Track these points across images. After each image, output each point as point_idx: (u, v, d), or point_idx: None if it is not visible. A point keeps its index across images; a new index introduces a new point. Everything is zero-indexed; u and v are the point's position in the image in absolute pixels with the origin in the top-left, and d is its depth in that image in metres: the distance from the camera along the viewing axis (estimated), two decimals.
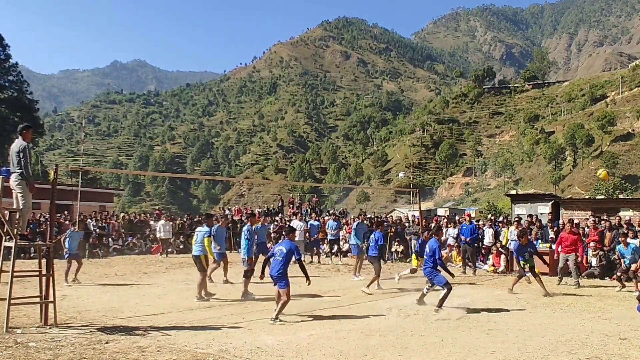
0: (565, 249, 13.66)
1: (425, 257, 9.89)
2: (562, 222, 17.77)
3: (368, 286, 11.88)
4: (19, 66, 61.61)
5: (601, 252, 15.07)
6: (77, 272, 13.49)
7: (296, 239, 19.92)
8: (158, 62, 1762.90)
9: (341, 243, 21.38)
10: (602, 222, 16.46)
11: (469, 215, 18.01)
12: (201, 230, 11.25)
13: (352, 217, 27.44)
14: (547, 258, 15.60)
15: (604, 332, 7.74)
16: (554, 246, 16.16)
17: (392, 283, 13.37)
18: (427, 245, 9.92)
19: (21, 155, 7.83)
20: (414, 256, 14.33)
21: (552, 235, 16.79)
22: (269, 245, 16.60)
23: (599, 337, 7.41)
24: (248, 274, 10.93)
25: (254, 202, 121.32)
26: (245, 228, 11.64)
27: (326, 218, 24.07)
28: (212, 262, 11.97)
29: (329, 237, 20.82)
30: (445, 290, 9.20)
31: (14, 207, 7.93)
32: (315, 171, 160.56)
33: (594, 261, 15.12)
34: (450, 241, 19.38)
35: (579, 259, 14.16)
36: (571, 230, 13.82)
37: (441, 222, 20.15)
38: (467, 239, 16.48)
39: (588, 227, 16.32)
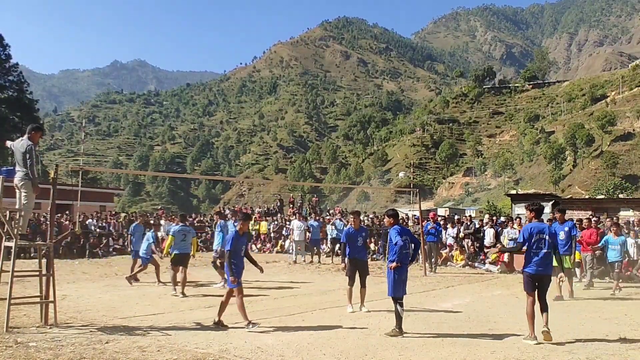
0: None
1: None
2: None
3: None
4: (19, 66, 61.74)
5: (600, 252, 14.98)
6: (157, 271, 13.40)
7: (296, 239, 20.01)
8: (158, 62, 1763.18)
9: None
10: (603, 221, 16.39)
11: (434, 215, 17.98)
12: (189, 231, 11.64)
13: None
14: None
15: (604, 332, 7.73)
16: None
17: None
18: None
19: (27, 155, 7.81)
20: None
21: None
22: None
23: (599, 337, 7.41)
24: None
25: (254, 202, 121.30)
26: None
27: (333, 218, 24.00)
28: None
29: (330, 236, 20.85)
30: None
31: (16, 206, 7.93)
32: (315, 171, 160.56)
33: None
34: (450, 241, 19.41)
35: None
36: (590, 226, 13.32)
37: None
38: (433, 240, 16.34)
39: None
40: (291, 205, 31.15)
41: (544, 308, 7.22)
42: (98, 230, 23.09)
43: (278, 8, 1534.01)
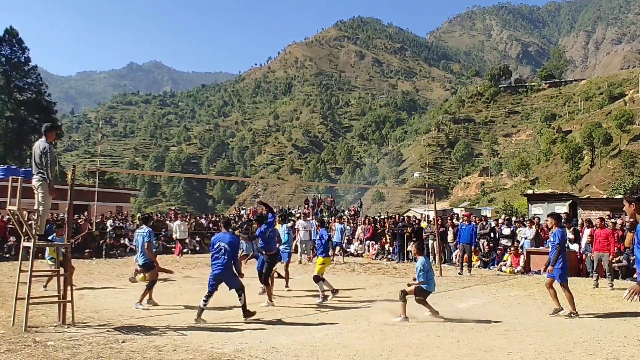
0: (598, 245, 12.92)
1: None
2: (581, 221, 17.49)
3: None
4: (37, 68, 62.53)
5: (621, 254, 14.79)
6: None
7: (301, 239, 19.89)
8: (174, 63, 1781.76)
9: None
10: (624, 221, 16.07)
11: (467, 216, 17.58)
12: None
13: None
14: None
15: (622, 333, 7.63)
16: (572, 246, 15.98)
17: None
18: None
19: (43, 157, 7.89)
20: None
21: (570, 235, 16.51)
22: None
23: (617, 338, 7.31)
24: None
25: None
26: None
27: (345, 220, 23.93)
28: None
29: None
30: None
31: (35, 207, 8.00)
32: (330, 171, 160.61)
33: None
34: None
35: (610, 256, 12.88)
36: (603, 225, 13.13)
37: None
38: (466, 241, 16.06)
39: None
40: (305, 205, 31.22)
41: None
42: (114, 230, 23.23)
43: (293, 8, 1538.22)
